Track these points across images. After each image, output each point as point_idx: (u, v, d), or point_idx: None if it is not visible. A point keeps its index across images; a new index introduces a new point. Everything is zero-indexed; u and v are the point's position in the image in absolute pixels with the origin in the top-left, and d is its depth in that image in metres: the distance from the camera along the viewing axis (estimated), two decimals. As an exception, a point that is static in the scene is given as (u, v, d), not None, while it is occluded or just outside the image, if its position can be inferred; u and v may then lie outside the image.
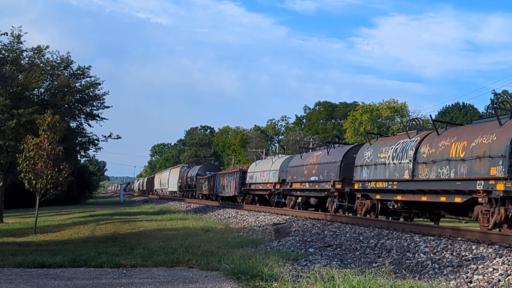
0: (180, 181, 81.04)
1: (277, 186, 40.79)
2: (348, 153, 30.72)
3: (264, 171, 44.78)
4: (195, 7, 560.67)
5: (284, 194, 39.46)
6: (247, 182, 48.45)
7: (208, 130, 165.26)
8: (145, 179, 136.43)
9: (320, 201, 33.80)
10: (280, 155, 48.43)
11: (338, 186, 30.12)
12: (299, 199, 36.33)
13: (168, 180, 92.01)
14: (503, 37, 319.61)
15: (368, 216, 26.87)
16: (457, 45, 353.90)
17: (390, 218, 26.26)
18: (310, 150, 42.85)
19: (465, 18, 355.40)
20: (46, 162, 29.04)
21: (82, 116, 47.07)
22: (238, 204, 46.65)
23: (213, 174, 61.99)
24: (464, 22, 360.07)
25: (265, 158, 56.95)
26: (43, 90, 42.31)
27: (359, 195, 27.91)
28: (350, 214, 28.99)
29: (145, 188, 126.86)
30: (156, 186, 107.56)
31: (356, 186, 28.01)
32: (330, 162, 31.82)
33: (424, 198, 22.41)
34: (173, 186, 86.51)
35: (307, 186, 34.69)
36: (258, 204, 45.17)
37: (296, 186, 36.72)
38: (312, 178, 33.71)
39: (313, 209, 35.27)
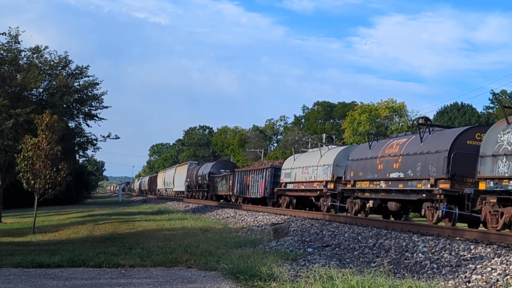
0: (188, 180, 71.36)
1: (330, 186, 32.05)
2: (459, 139, 22.36)
3: (308, 167, 35.68)
4: (193, 6, 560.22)
5: (344, 196, 30.57)
6: (281, 181, 39.72)
7: (207, 130, 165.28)
8: (147, 178, 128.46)
9: (404, 205, 25.89)
10: (331, 146, 38.04)
11: (444, 186, 21.87)
12: (370, 203, 27.57)
13: (174, 179, 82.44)
14: (501, 37, 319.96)
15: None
16: (456, 44, 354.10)
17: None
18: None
19: (464, 18, 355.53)
20: (45, 162, 29.02)
21: (81, 116, 47.08)
22: (237, 204, 46.25)
23: (233, 171, 53.34)
24: (462, 22, 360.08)
25: (302, 152, 46.02)
26: (41, 90, 42.32)
27: (492, 200, 18.90)
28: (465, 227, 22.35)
29: (146, 187, 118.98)
30: (160, 185, 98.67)
31: (482, 186, 19.48)
32: (428, 152, 23.25)
33: None
34: (180, 186, 77.25)
35: (382, 185, 26.24)
36: (299, 208, 36.73)
37: (363, 185, 28.13)
38: (393, 175, 25.39)
39: (391, 217, 27.93)
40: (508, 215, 17.92)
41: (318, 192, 33.33)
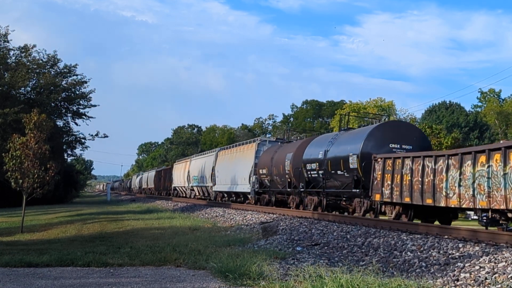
0: (262, 171, 39.06)
1: None
2: None
3: None
4: (179, 5, 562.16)
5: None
6: None
7: (196, 129, 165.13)
8: (152, 173, 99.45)
9: None
10: None
11: None
12: None
13: (216, 171, 50.64)
14: (487, 36, 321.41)
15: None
16: (442, 43, 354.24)
17: None
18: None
19: (449, 16, 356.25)
20: (33, 161, 28.91)
21: (69, 114, 47.07)
22: (225, 202, 46.04)
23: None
24: (448, 20, 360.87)
25: None
26: (29, 88, 42.22)
27: None
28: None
29: (152, 185, 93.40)
30: (178, 182, 68.98)
31: None
32: None
33: None
34: (234, 183, 44.94)
35: None
36: None
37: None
38: None
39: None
40: None
41: None
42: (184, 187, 65.38)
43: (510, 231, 16.86)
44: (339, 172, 27.81)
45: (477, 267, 12.74)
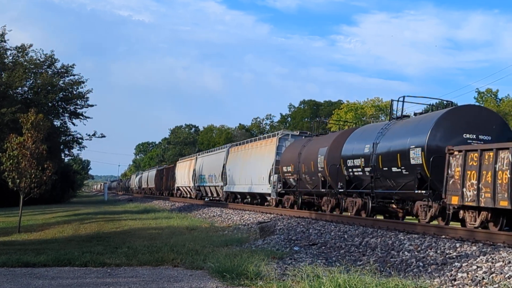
0: (287, 169, 34.09)
1: None
2: None
3: None
4: (176, 4, 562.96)
5: None
6: None
7: (193, 129, 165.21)
8: (153, 172, 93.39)
9: None
10: None
11: None
12: None
13: (227, 169, 46.20)
14: (483, 35, 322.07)
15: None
16: (439, 42, 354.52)
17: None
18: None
19: (446, 16, 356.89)
20: (30, 161, 28.88)
21: (66, 114, 47.04)
22: (223, 202, 45.91)
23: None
24: (445, 20, 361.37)
25: None
26: (26, 88, 42.18)
27: None
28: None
29: (153, 185, 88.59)
30: (182, 181, 64.98)
31: None
32: None
33: None
34: (252, 182, 39.67)
35: None
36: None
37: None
38: None
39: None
40: None
41: None
42: (189, 187, 60.69)
43: (507, 231, 16.88)
44: (394, 169, 22.77)
45: (474, 267, 12.75)
